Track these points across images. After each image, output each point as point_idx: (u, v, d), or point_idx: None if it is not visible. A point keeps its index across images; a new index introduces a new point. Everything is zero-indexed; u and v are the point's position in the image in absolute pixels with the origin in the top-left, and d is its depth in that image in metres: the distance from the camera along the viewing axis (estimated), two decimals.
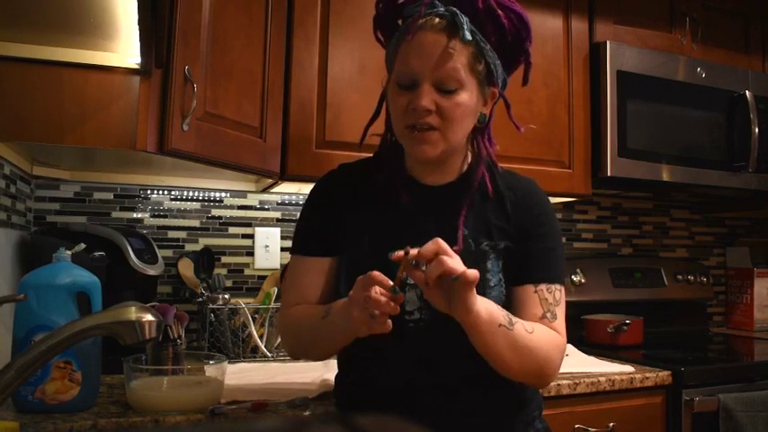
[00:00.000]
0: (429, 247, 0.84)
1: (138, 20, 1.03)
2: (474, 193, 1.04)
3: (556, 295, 1.02)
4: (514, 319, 0.94)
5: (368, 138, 1.11)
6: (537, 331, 0.97)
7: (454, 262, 0.83)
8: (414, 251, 0.84)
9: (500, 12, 0.99)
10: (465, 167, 1.07)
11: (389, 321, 0.86)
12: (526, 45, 1.03)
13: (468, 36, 0.95)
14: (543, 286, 1.02)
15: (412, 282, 0.97)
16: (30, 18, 1.07)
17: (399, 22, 1.03)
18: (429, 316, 0.98)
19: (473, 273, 0.83)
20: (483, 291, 0.97)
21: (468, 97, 0.98)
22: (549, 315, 1.00)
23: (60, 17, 1.08)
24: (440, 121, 0.97)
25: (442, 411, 0.99)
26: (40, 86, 1.13)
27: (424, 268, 0.85)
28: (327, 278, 1.07)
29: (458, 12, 0.97)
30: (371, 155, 1.13)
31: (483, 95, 1.02)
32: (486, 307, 0.90)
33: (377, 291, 0.84)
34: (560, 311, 1.02)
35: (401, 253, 0.84)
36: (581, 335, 1.89)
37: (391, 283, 0.85)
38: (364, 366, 1.05)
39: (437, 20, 0.97)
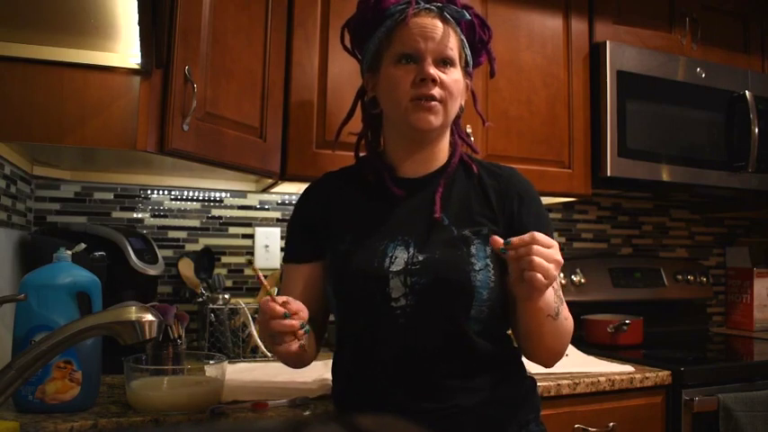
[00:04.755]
0: (524, 238, 0.87)
1: (139, 20, 1.03)
2: (448, 179, 1.07)
3: (555, 283, 1.04)
4: (561, 307, 1.00)
5: (345, 137, 1.17)
6: (569, 318, 1.03)
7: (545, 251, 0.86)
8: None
9: (471, 12, 1.09)
10: (445, 159, 1.10)
11: (293, 345, 0.89)
12: (489, 46, 1.14)
13: (467, 15, 1.06)
14: None
15: (395, 269, 0.99)
16: (30, 18, 1.07)
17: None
18: (414, 301, 0.99)
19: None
20: (468, 275, 0.98)
21: (459, 75, 1.06)
22: (560, 300, 1.03)
23: (61, 17, 1.08)
24: (442, 94, 1.02)
25: (435, 410, 0.98)
26: (40, 86, 1.13)
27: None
28: (314, 284, 1.10)
29: (442, 5, 1.06)
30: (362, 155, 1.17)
31: (464, 83, 1.09)
32: (545, 298, 0.94)
33: (277, 320, 0.88)
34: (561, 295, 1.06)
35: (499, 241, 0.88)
36: (581, 335, 1.89)
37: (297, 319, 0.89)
38: (359, 364, 1.05)
39: (428, 8, 1.05)
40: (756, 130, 1.94)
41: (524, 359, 1.10)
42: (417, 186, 1.07)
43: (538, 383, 1.13)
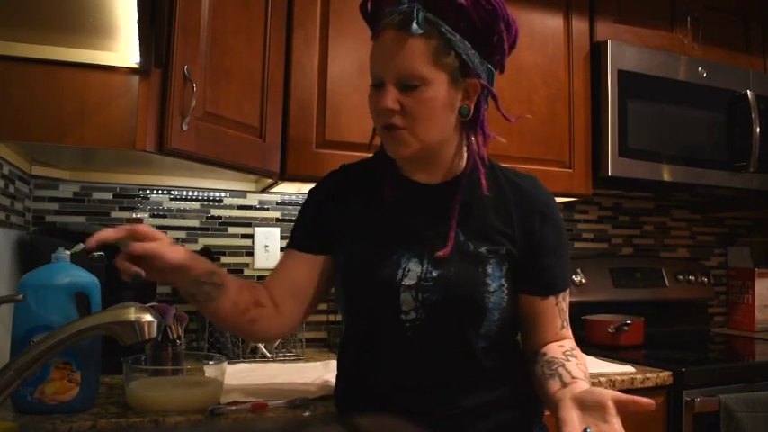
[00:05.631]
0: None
1: (138, 19, 1.03)
2: (465, 192, 1.01)
3: (567, 300, 1.06)
4: (584, 376, 0.93)
5: (350, 137, 1.10)
6: (582, 361, 0.99)
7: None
8: None
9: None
10: (462, 166, 1.04)
11: (133, 269, 0.85)
12: (498, 28, 0.97)
13: (416, 28, 0.92)
14: (561, 296, 1.04)
15: (408, 283, 0.97)
16: (30, 18, 1.07)
17: None
18: (425, 315, 0.97)
19: None
20: (482, 295, 0.97)
21: (434, 92, 0.94)
22: (565, 324, 1.05)
23: (60, 17, 1.08)
24: (405, 120, 0.95)
25: (437, 413, 0.98)
26: (39, 86, 1.13)
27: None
28: (307, 276, 1.06)
29: (416, 5, 0.93)
30: (371, 155, 1.12)
31: (457, 88, 0.97)
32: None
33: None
34: (568, 314, 1.07)
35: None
36: (582, 335, 1.88)
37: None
38: (363, 367, 1.05)
39: (398, 17, 0.94)
40: (758, 129, 1.93)
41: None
42: (435, 193, 1.03)
43: None
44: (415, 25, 0.92)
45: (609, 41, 1.82)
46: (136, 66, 1.16)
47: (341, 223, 1.05)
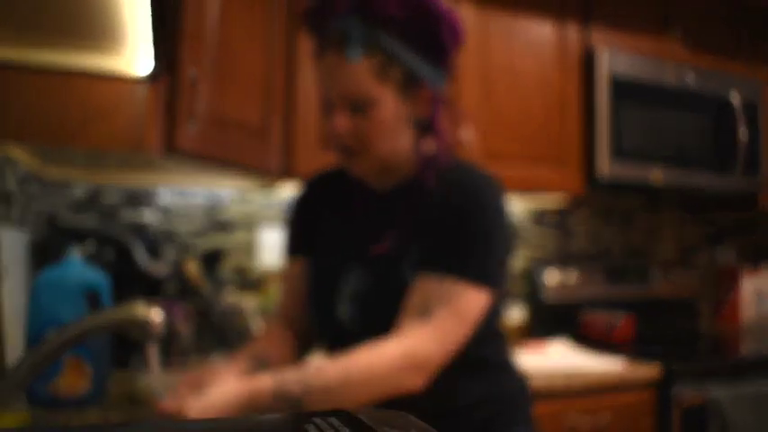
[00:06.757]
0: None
1: (147, 24, 1.06)
2: (411, 198, 0.97)
3: (447, 289, 0.87)
4: (297, 379, 0.83)
5: None
6: (336, 370, 0.85)
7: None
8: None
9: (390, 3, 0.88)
10: (412, 170, 0.99)
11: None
12: (440, 30, 0.90)
13: (354, 53, 0.88)
14: (435, 276, 0.88)
15: (346, 295, 0.96)
16: (36, 23, 1.09)
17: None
18: (364, 330, 0.94)
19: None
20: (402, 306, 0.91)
21: (384, 110, 0.91)
22: (419, 310, 0.87)
23: (67, 22, 1.10)
24: (358, 141, 0.92)
25: (426, 410, 0.92)
26: (47, 91, 1.15)
27: None
28: (302, 280, 1.05)
29: (352, 23, 0.89)
30: None
31: (407, 100, 0.93)
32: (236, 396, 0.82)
33: None
34: (444, 312, 0.86)
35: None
36: (575, 332, 1.94)
37: None
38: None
39: (336, 36, 0.90)
40: (744, 133, 1.98)
41: (516, 359, 1.10)
42: (382, 202, 1.00)
43: (531, 380, 1.14)
44: (352, 52, 0.88)
45: (602, 48, 1.86)
46: (144, 70, 1.19)
47: (313, 233, 1.05)
